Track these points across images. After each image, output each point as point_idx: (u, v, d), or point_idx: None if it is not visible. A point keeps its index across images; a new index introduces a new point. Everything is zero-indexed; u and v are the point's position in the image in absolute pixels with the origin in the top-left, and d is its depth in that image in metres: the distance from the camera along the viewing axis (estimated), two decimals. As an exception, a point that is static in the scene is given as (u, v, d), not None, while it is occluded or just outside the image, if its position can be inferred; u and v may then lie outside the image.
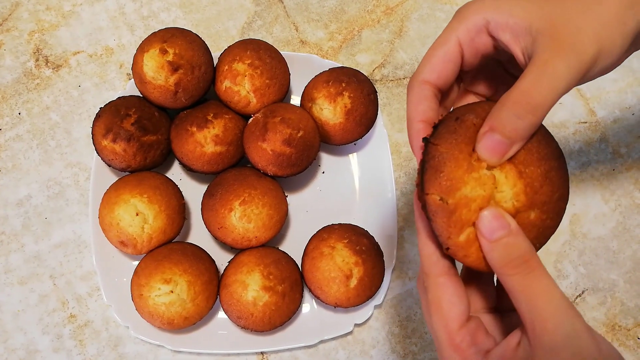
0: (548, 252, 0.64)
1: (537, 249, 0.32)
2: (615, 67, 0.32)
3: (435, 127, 0.32)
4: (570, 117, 0.68)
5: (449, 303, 0.30)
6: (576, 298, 0.63)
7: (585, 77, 0.30)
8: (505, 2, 0.31)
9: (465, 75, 0.38)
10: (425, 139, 0.32)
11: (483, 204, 0.30)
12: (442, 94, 0.35)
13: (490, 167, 0.31)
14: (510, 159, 0.31)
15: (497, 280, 0.33)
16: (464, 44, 0.33)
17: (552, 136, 0.33)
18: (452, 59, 0.33)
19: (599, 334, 0.28)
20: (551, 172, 0.31)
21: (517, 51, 0.31)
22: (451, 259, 0.32)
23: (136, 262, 0.58)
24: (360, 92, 0.58)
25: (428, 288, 0.32)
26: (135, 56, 0.57)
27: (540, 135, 0.32)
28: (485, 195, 0.30)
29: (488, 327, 0.33)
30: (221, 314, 0.58)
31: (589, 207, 0.65)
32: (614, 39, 0.30)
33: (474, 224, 0.30)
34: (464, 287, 0.32)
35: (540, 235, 0.32)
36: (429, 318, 0.32)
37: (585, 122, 0.68)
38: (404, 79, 0.68)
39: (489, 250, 0.29)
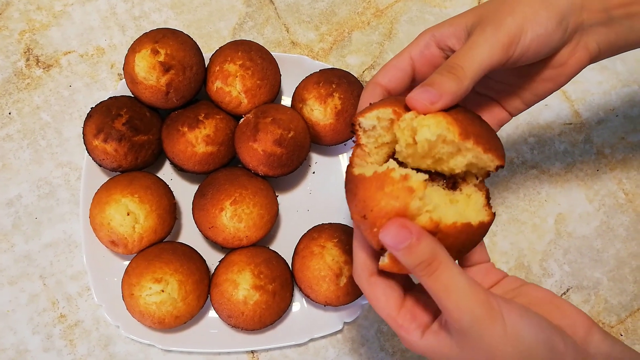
0: (534, 251, 0.65)
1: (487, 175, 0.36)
2: (556, 42, 0.37)
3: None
4: (555, 118, 0.70)
5: (384, 295, 0.36)
6: (561, 296, 0.64)
7: (512, 45, 0.35)
8: (446, 20, 0.39)
9: None
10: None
11: (399, 214, 0.32)
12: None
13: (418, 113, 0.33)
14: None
15: None
16: (414, 57, 0.39)
17: (478, 116, 0.36)
18: (402, 68, 0.39)
19: (513, 314, 0.31)
20: (476, 120, 0.35)
21: None
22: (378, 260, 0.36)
23: (127, 262, 0.58)
24: (351, 94, 0.59)
25: (362, 287, 0.37)
26: (126, 56, 0.57)
27: (467, 111, 0.36)
28: (400, 206, 0.31)
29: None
30: (212, 313, 0.59)
31: (573, 207, 0.67)
32: (536, 10, 0.35)
33: None
34: (391, 279, 0.37)
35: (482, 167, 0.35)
36: (375, 309, 0.37)
37: (570, 124, 0.70)
38: (393, 80, 0.69)
39: (397, 256, 0.32)
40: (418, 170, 0.36)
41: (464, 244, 0.34)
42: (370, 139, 0.37)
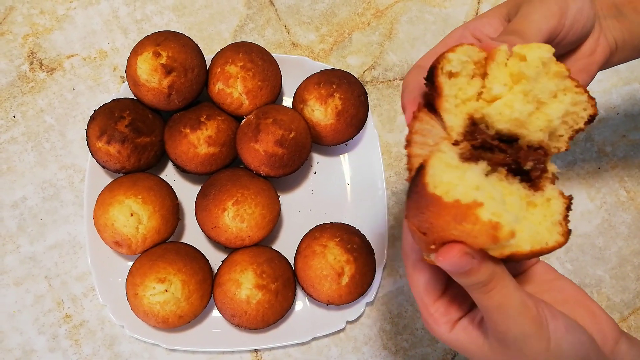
0: (536, 249, 0.65)
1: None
2: (591, 20, 0.38)
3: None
4: (556, 117, 0.70)
5: (425, 285, 0.35)
6: (563, 294, 0.64)
7: (563, 14, 0.36)
8: (476, 16, 0.40)
9: None
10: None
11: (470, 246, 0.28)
12: None
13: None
14: None
15: None
16: (453, 44, 0.39)
17: None
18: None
19: (560, 329, 0.31)
20: None
21: None
22: None
23: (131, 262, 0.59)
24: (351, 94, 0.60)
25: (407, 268, 0.36)
26: (129, 59, 0.58)
27: None
28: (475, 244, 0.27)
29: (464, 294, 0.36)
30: (215, 313, 0.59)
31: (575, 205, 0.66)
32: None
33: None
34: (437, 268, 0.35)
35: None
36: (412, 290, 0.36)
37: (571, 122, 0.70)
38: (393, 80, 0.70)
39: (452, 275, 0.31)
40: (502, 139, 0.31)
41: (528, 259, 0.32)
42: (452, 90, 0.31)
